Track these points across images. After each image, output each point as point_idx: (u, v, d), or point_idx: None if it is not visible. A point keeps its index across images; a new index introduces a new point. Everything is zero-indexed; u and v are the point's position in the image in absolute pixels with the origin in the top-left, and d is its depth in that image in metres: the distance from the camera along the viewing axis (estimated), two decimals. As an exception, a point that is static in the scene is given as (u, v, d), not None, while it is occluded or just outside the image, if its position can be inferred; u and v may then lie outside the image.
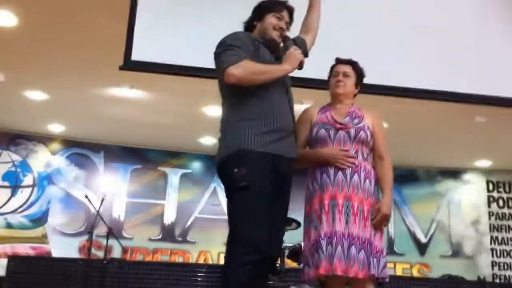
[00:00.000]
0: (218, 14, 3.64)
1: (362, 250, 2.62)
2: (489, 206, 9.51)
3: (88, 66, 5.94)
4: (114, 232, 6.60)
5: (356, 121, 2.84)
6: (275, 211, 2.53)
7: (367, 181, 2.77)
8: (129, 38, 3.41)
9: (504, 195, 9.56)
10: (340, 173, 2.73)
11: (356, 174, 2.74)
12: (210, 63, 2.65)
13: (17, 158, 8.56)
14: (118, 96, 6.87)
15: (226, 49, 2.54)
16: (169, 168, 9.19)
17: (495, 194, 9.58)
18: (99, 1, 4.74)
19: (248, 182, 2.39)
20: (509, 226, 9.39)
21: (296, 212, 3.20)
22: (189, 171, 9.26)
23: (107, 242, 6.48)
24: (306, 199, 2.85)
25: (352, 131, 2.81)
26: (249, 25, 2.80)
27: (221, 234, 8.89)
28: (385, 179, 2.82)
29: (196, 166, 9.29)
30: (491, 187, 9.60)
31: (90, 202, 7.03)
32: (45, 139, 8.73)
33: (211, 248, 8.86)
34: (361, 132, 2.82)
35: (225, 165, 2.51)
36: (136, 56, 3.38)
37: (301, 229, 2.97)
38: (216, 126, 8.18)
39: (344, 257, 2.60)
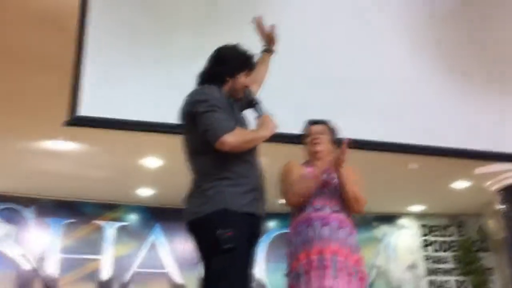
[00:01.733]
0: (167, 72, 3.65)
1: None
2: (425, 250, 9.75)
3: (21, 120, 5.80)
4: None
5: (333, 175, 2.91)
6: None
7: (352, 236, 2.82)
8: (73, 93, 3.36)
9: (439, 239, 9.83)
10: (326, 228, 2.76)
11: (342, 229, 2.78)
12: (156, 118, 2.59)
13: None
14: (51, 150, 6.71)
15: (211, 110, 2.45)
16: (105, 221, 8.94)
17: (430, 237, 9.83)
18: (32, 56, 4.68)
19: (234, 245, 2.30)
20: (444, 270, 9.62)
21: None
22: (126, 223, 9.04)
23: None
24: (290, 254, 2.83)
25: (332, 187, 2.89)
26: (219, 79, 2.68)
27: (161, 288, 8.74)
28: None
29: (133, 218, 9.10)
30: (426, 231, 9.87)
31: (28, 260, 6.75)
32: (-27, 194, 8.36)
33: (150, 303, 8.61)
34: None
35: (206, 223, 2.39)
36: (81, 111, 3.33)
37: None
38: (153, 177, 8.13)
39: None
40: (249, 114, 2.75)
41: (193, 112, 2.49)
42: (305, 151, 3.09)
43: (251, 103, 2.71)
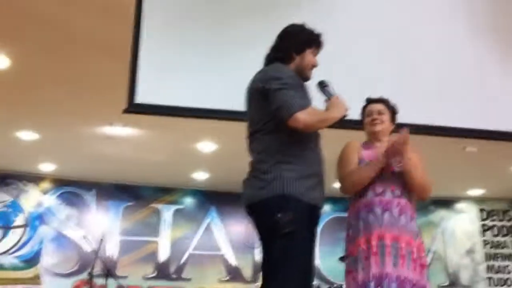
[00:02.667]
0: (221, 59, 3.68)
1: None
2: (483, 235, 9.52)
3: (82, 105, 5.96)
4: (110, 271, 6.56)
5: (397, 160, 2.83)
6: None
7: (413, 222, 2.77)
8: (131, 81, 3.43)
9: (498, 223, 9.58)
10: (386, 213, 2.72)
11: (403, 215, 2.73)
12: (211, 104, 2.59)
13: (7, 198, 8.47)
14: (110, 135, 6.86)
15: (285, 88, 2.40)
16: (162, 205, 9.13)
17: (488, 222, 9.60)
18: (95, 43, 4.77)
19: (294, 228, 2.26)
20: (504, 255, 9.39)
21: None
22: (182, 207, 9.20)
23: (106, 281, 6.43)
24: (348, 238, 2.80)
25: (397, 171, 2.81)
26: (285, 56, 2.62)
27: (216, 270, 8.88)
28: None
29: (189, 201, 9.25)
30: (484, 215, 9.63)
31: (89, 242, 6.98)
32: (35, 178, 8.66)
33: (206, 284, 8.77)
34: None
35: (265, 207, 2.35)
36: (138, 99, 3.40)
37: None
38: (208, 161, 8.25)
39: None
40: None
41: (266, 89, 2.44)
42: (365, 130, 3.02)
43: (320, 85, 2.65)
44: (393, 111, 3.03)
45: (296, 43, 2.64)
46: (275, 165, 2.40)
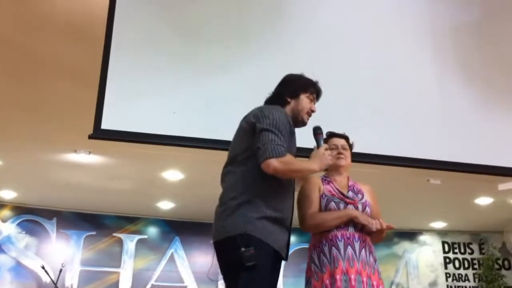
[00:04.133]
0: (190, 86, 3.69)
1: None
2: (445, 267, 9.62)
3: (45, 131, 5.87)
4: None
5: (359, 196, 2.90)
6: None
7: (372, 255, 2.80)
8: (99, 106, 3.40)
9: (460, 256, 9.70)
10: (349, 248, 2.73)
11: (363, 249, 2.76)
12: (178, 132, 2.59)
13: (-35, 226, 8.24)
14: (75, 162, 6.78)
15: (271, 131, 2.46)
16: (125, 234, 8.98)
17: (451, 255, 9.71)
18: (61, 68, 4.75)
19: (257, 263, 2.32)
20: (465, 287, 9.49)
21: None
22: (145, 236, 9.06)
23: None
24: (312, 271, 2.78)
25: (360, 207, 2.85)
26: (280, 100, 2.72)
27: (179, 303, 8.73)
28: None
29: (153, 231, 9.11)
30: (446, 248, 9.75)
31: (47, 273, 6.83)
32: (-5, 205, 8.46)
33: (168, 317, 8.60)
34: (367, 208, 2.87)
35: (230, 243, 2.40)
36: (105, 125, 3.37)
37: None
38: (175, 190, 8.14)
39: None
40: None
41: (254, 124, 2.51)
42: None
43: (314, 132, 2.73)
44: (351, 148, 3.09)
45: (290, 88, 2.75)
46: (242, 202, 2.44)
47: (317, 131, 2.75)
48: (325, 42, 4.01)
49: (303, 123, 2.74)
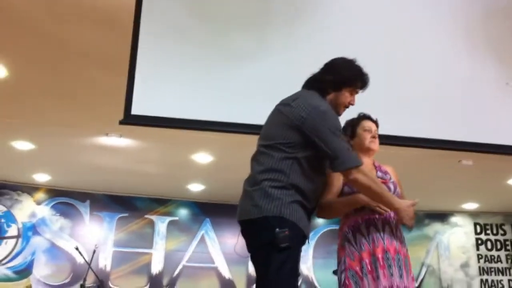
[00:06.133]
0: (216, 72, 3.71)
1: None
2: (477, 248, 9.53)
3: (77, 116, 5.96)
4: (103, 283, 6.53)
5: (388, 176, 2.91)
6: None
7: (403, 234, 2.84)
8: (129, 92, 3.44)
9: (492, 237, 9.59)
10: (387, 226, 2.76)
11: (398, 227, 2.80)
12: (207, 116, 2.59)
13: (1, 208, 8.42)
14: (106, 145, 6.86)
15: (338, 136, 2.50)
16: (156, 216, 9.09)
17: (483, 236, 9.61)
18: (91, 56, 4.80)
19: (291, 245, 2.35)
20: (498, 269, 9.39)
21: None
22: (176, 218, 9.16)
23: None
24: (345, 252, 2.79)
25: (391, 186, 2.87)
26: (321, 88, 2.65)
27: (210, 283, 8.84)
28: None
29: (183, 213, 9.21)
30: (478, 229, 9.64)
31: (81, 254, 6.96)
32: (30, 188, 8.62)
33: (200, 297, 8.71)
34: (397, 187, 2.90)
35: (263, 222, 2.41)
36: (135, 110, 3.41)
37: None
38: (204, 173, 8.22)
39: None
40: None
41: (303, 118, 2.48)
42: (356, 141, 2.99)
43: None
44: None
45: (335, 79, 2.64)
46: (277, 186, 2.45)
47: (345, 128, 2.83)
48: (353, 28, 3.98)
49: (337, 115, 2.67)
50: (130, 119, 3.44)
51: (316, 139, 2.47)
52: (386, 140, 3.27)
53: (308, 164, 2.50)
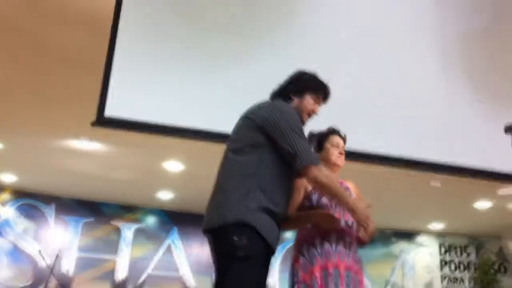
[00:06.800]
0: (194, 77, 3.69)
1: None
2: (441, 269, 9.63)
3: (47, 117, 5.89)
4: (64, 288, 6.41)
5: (348, 192, 2.88)
6: None
7: (357, 251, 2.82)
8: (102, 94, 3.41)
9: (456, 259, 9.71)
10: (341, 242, 2.75)
11: (352, 245, 2.79)
12: (183, 122, 2.57)
13: (-36, 208, 8.26)
14: (76, 149, 6.79)
15: (299, 135, 2.49)
16: (123, 223, 8.98)
17: (447, 257, 9.72)
18: (66, 55, 4.75)
19: (249, 254, 2.30)
20: (461, 290, 9.51)
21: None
22: (144, 226, 9.07)
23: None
24: (299, 265, 2.77)
25: None
26: (285, 95, 2.70)
27: (175, 293, 8.75)
28: None
29: (151, 221, 9.12)
30: (443, 250, 9.76)
31: (43, 258, 6.83)
32: (-5, 188, 8.47)
33: (163, 306, 8.62)
34: None
35: (223, 231, 2.36)
36: (108, 113, 3.37)
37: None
38: (175, 181, 8.14)
39: None
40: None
41: (267, 120, 2.49)
42: (323, 155, 2.97)
43: (310, 138, 2.78)
44: None
45: (297, 85, 2.71)
46: (243, 192, 2.40)
47: (312, 138, 2.79)
48: (333, 37, 4.01)
49: (302, 123, 2.67)
50: (102, 122, 3.40)
51: (276, 137, 2.47)
52: (354, 157, 3.29)
53: (276, 166, 2.48)
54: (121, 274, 8.72)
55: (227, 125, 2.69)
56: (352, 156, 3.84)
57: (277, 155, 2.49)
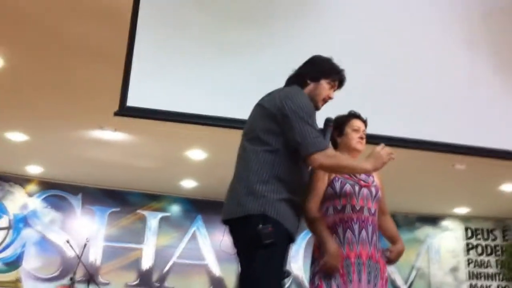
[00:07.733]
0: (213, 67, 3.70)
1: None
2: (467, 253, 9.56)
3: (72, 108, 5.94)
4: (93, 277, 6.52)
5: (371, 179, 2.88)
6: None
7: (379, 239, 2.82)
8: (124, 84, 3.44)
9: (482, 242, 9.63)
10: (363, 231, 2.74)
11: (375, 233, 2.79)
12: (204, 110, 2.59)
13: (-8, 199, 8.41)
14: (100, 139, 6.84)
15: (309, 123, 2.45)
16: (148, 211, 9.07)
17: (473, 241, 9.64)
18: (88, 48, 4.79)
19: (273, 240, 2.32)
20: (487, 274, 9.43)
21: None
22: (168, 214, 9.15)
23: (88, 287, 6.36)
24: (319, 254, 2.75)
25: (373, 190, 2.85)
26: (301, 80, 2.68)
27: (199, 280, 8.83)
28: (395, 229, 3.04)
29: (176, 209, 9.19)
30: (469, 234, 9.68)
31: (72, 247, 6.94)
32: (22, 180, 8.58)
33: (189, 294, 8.70)
34: (379, 191, 2.88)
35: (246, 220, 2.39)
36: (130, 102, 3.41)
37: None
38: (198, 169, 8.20)
39: None
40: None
41: (281, 108, 2.48)
42: (343, 140, 2.95)
43: (326, 123, 2.72)
44: None
45: (313, 70, 2.69)
46: (262, 181, 2.42)
47: (328, 123, 2.72)
48: (352, 24, 3.98)
49: (316, 108, 2.64)
50: (125, 111, 3.44)
51: (284, 125, 2.47)
52: (378, 140, 3.26)
53: (291, 154, 2.48)
54: (147, 262, 8.82)
55: (248, 112, 2.69)
56: (375, 139, 3.84)
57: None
